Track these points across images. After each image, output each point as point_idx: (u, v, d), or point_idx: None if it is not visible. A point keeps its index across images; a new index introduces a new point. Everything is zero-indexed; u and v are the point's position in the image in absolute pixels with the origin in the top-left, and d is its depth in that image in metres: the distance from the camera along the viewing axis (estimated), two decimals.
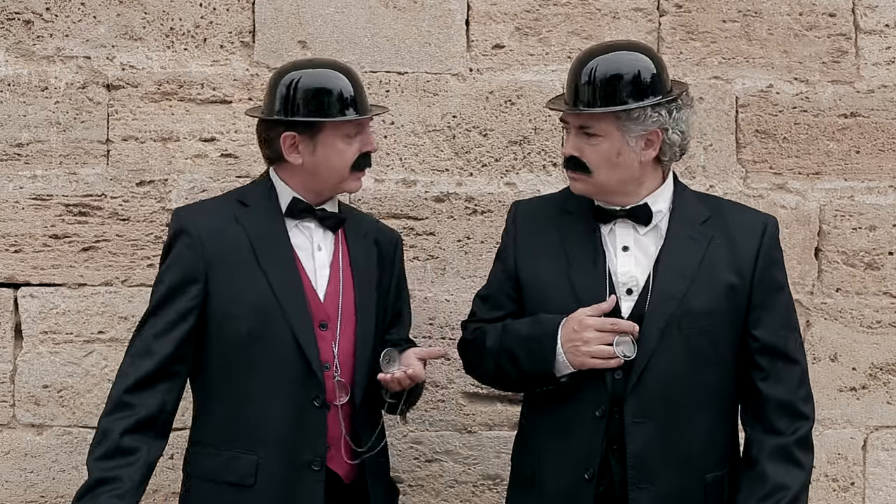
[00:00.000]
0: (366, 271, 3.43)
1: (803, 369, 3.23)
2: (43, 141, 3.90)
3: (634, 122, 3.14)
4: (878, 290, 4.10)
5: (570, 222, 3.26)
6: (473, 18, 4.04)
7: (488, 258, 3.94)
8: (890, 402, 4.11)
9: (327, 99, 3.33)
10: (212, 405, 3.33)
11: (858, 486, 4.10)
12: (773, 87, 4.09)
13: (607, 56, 3.19)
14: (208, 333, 3.31)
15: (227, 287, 3.29)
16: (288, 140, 3.34)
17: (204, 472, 3.31)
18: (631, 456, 3.13)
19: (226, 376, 3.30)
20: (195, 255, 3.29)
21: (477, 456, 4.01)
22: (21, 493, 3.90)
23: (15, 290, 3.90)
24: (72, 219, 3.90)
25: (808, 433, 3.19)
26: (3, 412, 3.89)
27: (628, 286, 3.19)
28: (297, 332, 3.27)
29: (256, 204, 3.38)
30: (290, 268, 3.32)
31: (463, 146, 4.03)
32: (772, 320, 3.19)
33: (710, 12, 4.08)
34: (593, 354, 3.13)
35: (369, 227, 3.53)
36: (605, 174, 3.17)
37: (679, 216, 3.21)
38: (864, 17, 4.12)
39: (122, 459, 3.21)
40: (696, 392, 3.14)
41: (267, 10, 3.98)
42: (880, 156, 4.12)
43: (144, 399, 3.24)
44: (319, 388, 3.27)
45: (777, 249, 3.25)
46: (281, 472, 3.25)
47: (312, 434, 3.27)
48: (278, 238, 3.35)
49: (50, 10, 3.92)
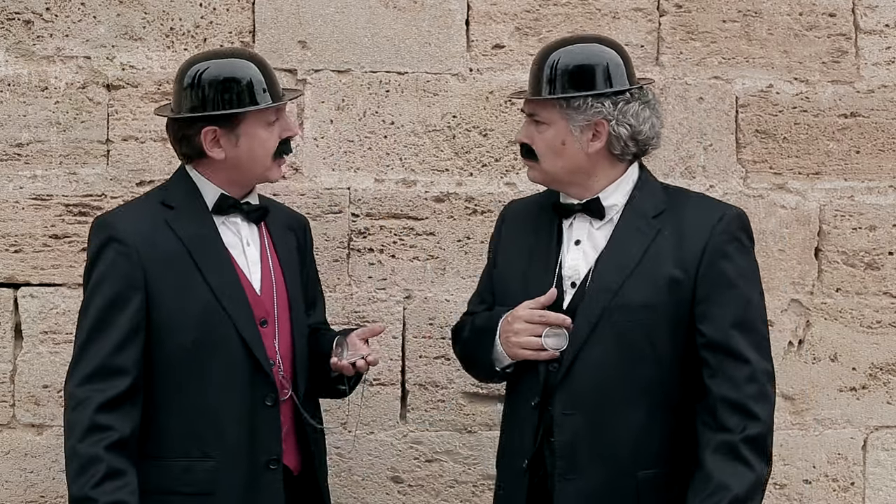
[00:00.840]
0: (291, 262, 3.42)
1: (756, 368, 3.11)
2: (43, 141, 3.90)
3: (576, 111, 3.19)
4: (878, 290, 4.10)
5: (542, 218, 3.32)
6: (473, 18, 4.04)
7: None
8: (890, 402, 4.11)
9: (241, 88, 3.27)
10: (160, 416, 3.22)
11: (858, 486, 4.10)
12: (773, 87, 4.09)
13: (567, 48, 3.26)
14: (152, 344, 3.21)
15: (167, 296, 3.20)
16: (209, 135, 3.26)
17: (157, 486, 3.21)
18: (559, 447, 3.15)
19: (174, 385, 3.22)
20: (131, 263, 3.19)
21: (477, 456, 4.02)
22: (21, 493, 3.90)
23: (15, 290, 3.90)
24: (72, 219, 3.90)
25: (759, 434, 3.08)
26: (3, 412, 3.89)
27: (572, 279, 3.22)
28: (242, 333, 3.23)
29: (182, 205, 3.29)
30: (227, 269, 3.26)
31: (463, 146, 4.03)
32: (718, 316, 3.12)
33: (710, 12, 4.08)
34: (522, 345, 3.18)
35: (282, 215, 3.50)
36: (549, 161, 3.23)
37: (631, 209, 3.23)
38: (864, 17, 4.12)
39: (118, 482, 3.13)
40: (628, 386, 3.13)
41: (267, 10, 3.98)
42: (880, 156, 4.12)
43: (116, 421, 3.14)
44: (270, 386, 3.26)
45: (732, 242, 3.17)
46: (239, 475, 3.21)
47: (266, 433, 3.25)
48: (211, 239, 3.28)
49: (50, 10, 3.92)
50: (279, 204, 3.60)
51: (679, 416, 3.18)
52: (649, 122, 3.23)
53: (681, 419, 3.18)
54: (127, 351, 3.17)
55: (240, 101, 3.26)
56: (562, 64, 3.23)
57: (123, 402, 3.16)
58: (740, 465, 3.06)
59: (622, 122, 3.20)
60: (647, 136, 3.24)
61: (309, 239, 3.56)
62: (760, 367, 3.12)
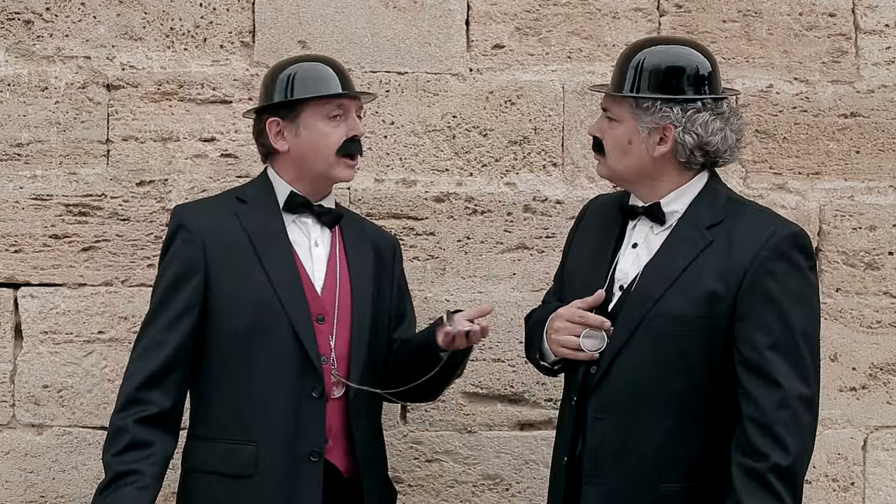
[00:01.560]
0: (362, 269, 3.45)
1: (789, 394, 3.00)
2: (43, 141, 3.90)
3: (645, 113, 3.17)
4: (878, 290, 4.10)
5: (614, 217, 3.31)
6: (473, 18, 4.04)
7: (488, 258, 3.95)
8: (890, 402, 4.11)
9: (307, 80, 3.38)
10: (210, 398, 3.34)
11: (858, 486, 4.10)
12: (773, 87, 4.09)
13: (654, 48, 3.25)
14: (207, 328, 3.33)
15: (226, 282, 3.32)
16: (273, 126, 3.39)
17: (202, 466, 3.32)
18: (588, 449, 3.14)
19: (225, 370, 3.31)
20: (194, 249, 3.32)
21: (477, 456, 4.01)
22: (21, 493, 3.89)
23: (15, 290, 3.90)
24: (72, 219, 3.90)
25: (789, 466, 2.98)
26: (3, 412, 3.89)
27: (622, 282, 3.20)
28: (295, 325, 3.29)
29: (254, 200, 3.41)
30: (288, 262, 3.34)
31: (463, 146, 4.03)
32: (756, 336, 3.03)
33: (710, 12, 4.08)
34: (561, 344, 3.18)
35: (367, 231, 3.55)
36: (615, 158, 3.22)
37: (688, 218, 3.18)
38: (864, 17, 4.12)
39: (140, 453, 3.23)
40: (659, 396, 3.09)
41: (267, 10, 3.98)
42: (880, 156, 4.12)
43: (156, 395, 3.26)
44: (318, 379, 3.29)
45: (781, 261, 3.06)
46: (279, 463, 3.26)
47: (311, 425, 3.28)
48: (276, 233, 3.37)
49: (50, 10, 3.92)
50: (370, 223, 3.66)
51: (711, 431, 3.10)
52: (721, 134, 3.17)
53: (713, 435, 3.10)
54: (176, 329, 3.29)
55: (302, 92, 3.37)
56: (645, 63, 3.19)
57: (165, 376, 3.27)
58: (771, 497, 2.98)
59: (689, 129, 3.15)
60: (718, 147, 3.17)
61: (398, 258, 3.59)
62: (795, 393, 3.01)
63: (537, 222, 4.01)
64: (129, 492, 3.19)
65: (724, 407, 3.09)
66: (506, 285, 3.99)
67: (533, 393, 3.99)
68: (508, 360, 3.97)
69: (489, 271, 3.99)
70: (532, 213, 4.01)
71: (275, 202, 3.40)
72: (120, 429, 3.25)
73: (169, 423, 3.29)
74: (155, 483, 3.24)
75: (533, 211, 4.01)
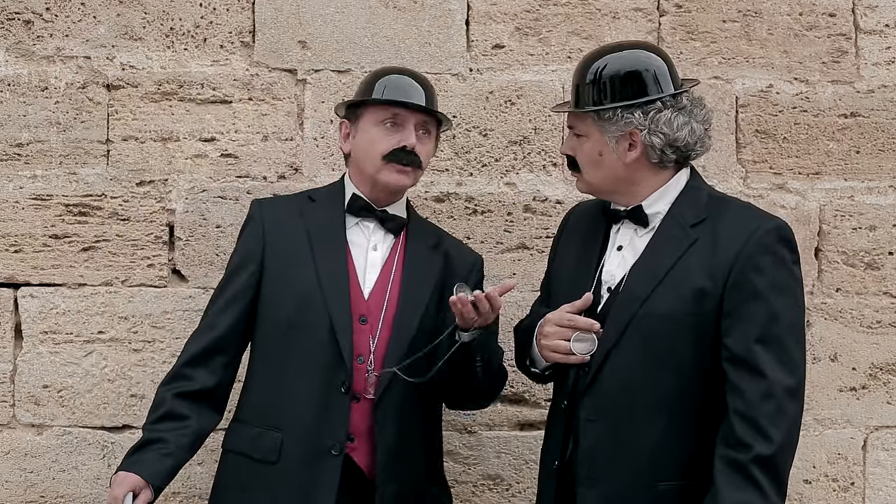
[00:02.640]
0: (418, 277, 3.47)
1: (774, 385, 3.01)
2: (43, 141, 3.90)
3: (608, 123, 3.18)
4: (878, 290, 4.10)
5: (596, 223, 3.32)
6: (473, 18, 4.04)
7: (488, 258, 3.95)
8: (890, 402, 4.11)
9: (375, 85, 3.48)
10: (251, 384, 3.46)
11: (858, 486, 4.10)
12: (773, 87, 4.09)
13: (604, 58, 3.24)
14: (258, 316, 3.44)
15: (278, 273, 3.43)
16: (343, 128, 3.53)
17: (236, 447, 3.44)
18: (582, 452, 3.14)
19: (265, 357, 3.42)
20: (256, 239, 3.46)
21: (477, 456, 4.01)
22: (21, 493, 3.89)
23: (15, 290, 3.90)
24: (72, 219, 3.90)
25: (771, 456, 2.99)
26: (3, 412, 3.89)
27: (609, 284, 3.21)
28: (333, 320, 3.35)
29: (322, 199, 3.54)
30: (339, 260, 3.42)
31: (463, 146, 4.02)
32: (742, 330, 3.04)
33: (710, 12, 4.08)
34: (551, 348, 3.18)
35: (444, 244, 3.58)
36: (591, 173, 3.23)
37: (671, 217, 3.19)
38: (864, 17, 4.12)
39: (172, 423, 3.37)
40: (651, 396, 3.09)
41: (267, 10, 3.98)
42: (880, 156, 4.12)
43: (201, 373, 3.41)
44: (347, 374, 3.33)
45: (766, 255, 3.08)
46: (301, 453, 3.32)
47: (335, 420, 3.33)
48: (334, 231, 3.46)
49: (50, 10, 3.91)
50: (455, 239, 3.70)
51: (703, 429, 3.10)
52: (687, 129, 3.18)
53: (704, 432, 3.09)
54: (228, 313, 3.44)
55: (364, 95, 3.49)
56: (597, 75, 3.21)
57: (211, 356, 3.43)
58: (752, 488, 2.98)
59: (654, 131, 3.16)
60: (687, 141, 3.18)
61: (476, 274, 3.59)
62: (780, 385, 3.01)
63: (537, 222, 4.01)
64: (152, 456, 3.33)
65: (714, 404, 3.09)
66: None
67: (533, 393, 3.99)
68: (509, 360, 3.96)
69: (489, 271, 3.98)
70: (532, 213, 4.01)
71: (341, 203, 3.49)
72: (161, 400, 3.41)
73: (212, 400, 3.43)
74: (181, 452, 3.37)
75: (533, 211, 4.01)
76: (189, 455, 3.41)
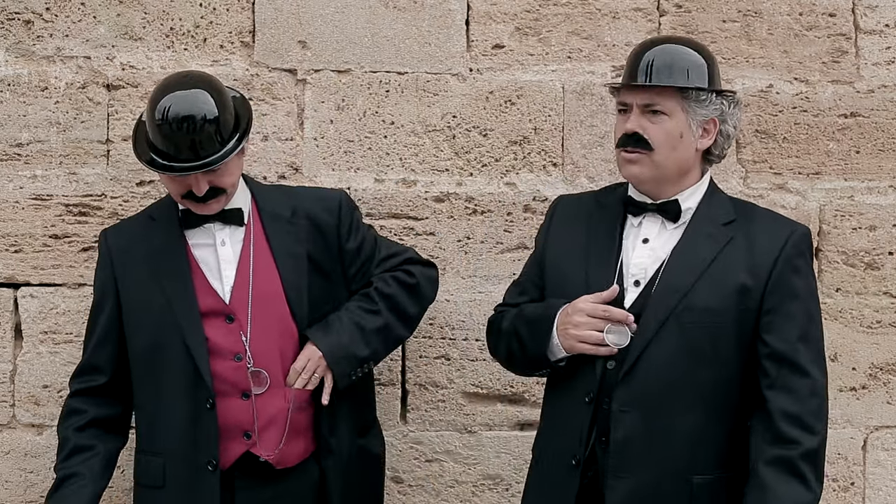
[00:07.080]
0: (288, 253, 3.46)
1: (816, 383, 3.12)
2: (43, 141, 3.90)
3: (699, 105, 3.17)
4: (878, 290, 4.10)
5: (600, 214, 3.30)
6: (473, 18, 4.04)
7: (488, 258, 3.95)
8: (890, 402, 4.11)
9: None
10: (137, 414, 3.52)
11: (858, 486, 4.10)
12: (773, 87, 4.09)
13: (669, 45, 3.24)
14: (127, 343, 3.48)
15: (131, 302, 3.45)
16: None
17: (136, 476, 3.54)
18: (613, 443, 3.12)
19: (139, 386, 3.48)
20: (107, 274, 3.49)
21: (477, 456, 4.01)
22: (21, 493, 3.90)
23: (15, 290, 3.90)
24: (72, 219, 3.90)
25: (816, 449, 3.08)
26: (3, 412, 3.89)
27: (637, 277, 3.19)
28: (187, 341, 3.37)
29: (161, 217, 3.50)
30: (183, 277, 3.41)
31: (463, 146, 4.03)
32: (785, 328, 3.11)
33: (710, 12, 4.08)
34: (581, 339, 3.14)
35: (299, 206, 3.53)
36: (664, 153, 3.18)
37: (702, 214, 3.22)
38: (864, 17, 4.12)
39: (80, 456, 3.45)
40: (690, 388, 3.11)
41: (267, 10, 3.98)
42: (880, 156, 4.12)
43: (91, 406, 3.49)
44: (207, 391, 3.36)
45: (801, 258, 3.17)
46: (182, 473, 3.39)
47: (205, 436, 3.38)
48: (174, 248, 3.44)
49: (50, 10, 3.92)
50: (308, 190, 3.66)
51: (737, 422, 3.15)
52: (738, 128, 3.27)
53: (738, 425, 3.15)
54: (101, 351, 3.49)
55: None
56: (678, 56, 3.19)
57: (102, 393, 3.50)
58: (798, 482, 3.05)
59: (731, 122, 3.21)
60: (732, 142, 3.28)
61: (344, 213, 3.56)
62: (820, 383, 3.13)
63: (537, 222, 4.00)
64: (70, 491, 3.40)
65: (747, 397, 3.15)
66: (506, 285, 3.96)
67: (533, 393, 3.98)
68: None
69: (489, 271, 3.99)
70: (532, 213, 4.01)
71: (176, 217, 3.46)
72: (64, 438, 3.48)
73: (111, 425, 3.51)
74: (97, 479, 3.44)
75: (533, 211, 4.01)
76: (105, 480, 3.47)
